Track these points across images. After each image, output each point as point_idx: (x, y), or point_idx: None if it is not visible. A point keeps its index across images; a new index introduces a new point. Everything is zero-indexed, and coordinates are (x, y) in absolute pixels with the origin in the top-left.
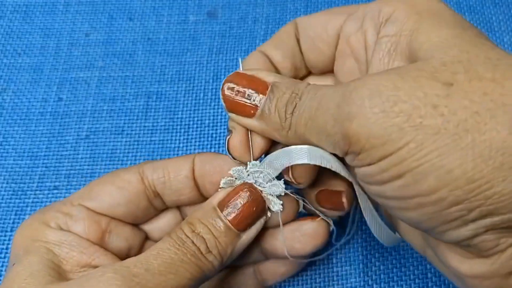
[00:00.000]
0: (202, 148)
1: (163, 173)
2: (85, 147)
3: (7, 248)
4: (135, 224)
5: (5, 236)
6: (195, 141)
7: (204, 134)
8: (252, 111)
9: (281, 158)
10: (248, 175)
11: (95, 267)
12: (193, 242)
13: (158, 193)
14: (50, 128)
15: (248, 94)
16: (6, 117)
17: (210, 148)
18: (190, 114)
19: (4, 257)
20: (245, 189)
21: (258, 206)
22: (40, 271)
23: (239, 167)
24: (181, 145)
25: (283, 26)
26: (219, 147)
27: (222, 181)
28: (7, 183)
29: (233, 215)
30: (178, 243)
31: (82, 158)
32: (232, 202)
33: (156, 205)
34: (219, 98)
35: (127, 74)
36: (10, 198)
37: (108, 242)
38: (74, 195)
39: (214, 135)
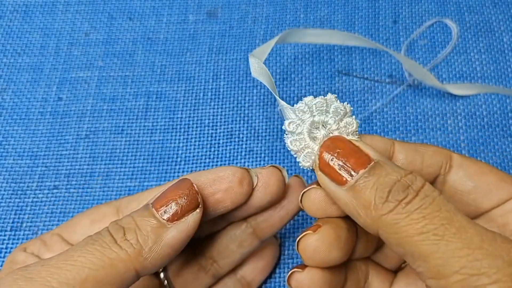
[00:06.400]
0: (202, 148)
1: (138, 203)
2: (85, 147)
3: (6, 248)
4: None
5: (5, 235)
6: (195, 141)
7: (203, 133)
8: (344, 179)
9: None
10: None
11: None
12: (109, 232)
13: None
14: (50, 127)
15: (345, 163)
16: (6, 117)
17: (210, 147)
18: (189, 114)
19: (4, 257)
20: (178, 181)
21: (188, 199)
22: None
23: (300, 106)
24: (180, 144)
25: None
26: (218, 147)
27: (286, 122)
28: (7, 182)
29: (159, 202)
30: (92, 237)
31: (81, 157)
32: (162, 194)
33: None
34: (219, 98)
35: (127, 74)
36: (10, 198)
37: None
38: (59, 226)
39: (213, 135)
